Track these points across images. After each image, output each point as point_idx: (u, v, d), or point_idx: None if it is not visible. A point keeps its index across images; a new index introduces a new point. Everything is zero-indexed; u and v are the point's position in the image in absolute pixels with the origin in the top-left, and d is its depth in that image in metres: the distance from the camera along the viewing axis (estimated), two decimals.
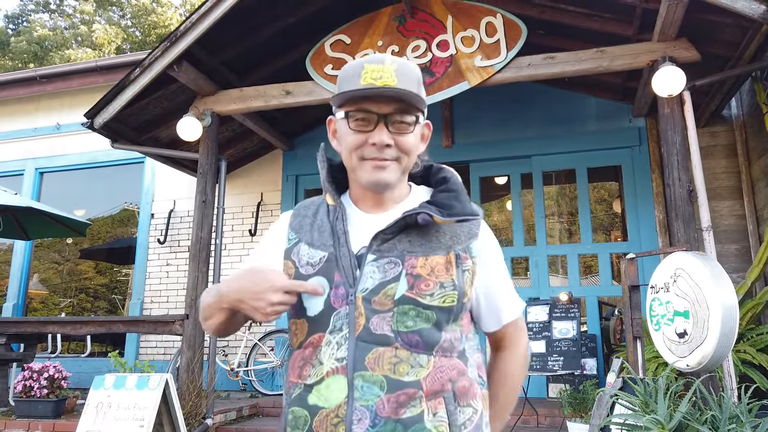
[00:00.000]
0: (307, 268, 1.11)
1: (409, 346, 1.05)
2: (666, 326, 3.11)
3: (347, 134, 1.12)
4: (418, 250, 1.10)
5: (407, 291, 1.06)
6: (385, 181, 1.12)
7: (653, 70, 3.89)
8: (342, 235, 1.13)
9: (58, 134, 7.26)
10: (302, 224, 1.20)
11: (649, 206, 5.07)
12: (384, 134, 1.09)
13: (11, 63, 18.08)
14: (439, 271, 1.09)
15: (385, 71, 1.09)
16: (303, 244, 1.15)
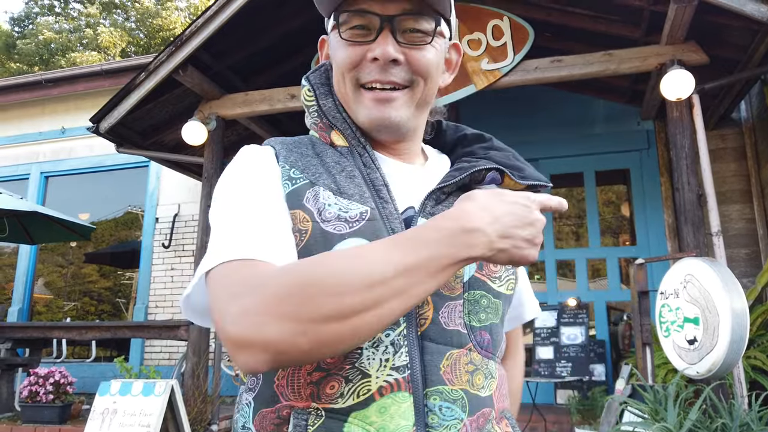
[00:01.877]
0: (338, 225, 0.74)
1: (481, 348, 0.78)
2: (676, 333, 3.07)
3: (339, 50, 0.81)
4: None
5: (477, 271, 0.79)
6: (393, 120, 0.81)
7: (661, 73, 3.85)
8: (383, 188, 0.80)
9: (63, 138, 7.27)
10: (308, 164, 0.82)
11: (657, 210, 5.03)
12: (389, 44, 0.78)
13: (17, 66, 18.16)
14: None
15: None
16: (321, 188, 0.78)
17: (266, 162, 0.81)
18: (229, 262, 0.66)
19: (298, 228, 0.75)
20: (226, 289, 0.63)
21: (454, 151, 0.96)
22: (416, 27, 0.79)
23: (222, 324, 0.60)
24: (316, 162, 0.82)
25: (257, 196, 0.75)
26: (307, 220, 0.75)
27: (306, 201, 0.76)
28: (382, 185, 0.80)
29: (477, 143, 0.93)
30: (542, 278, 5.96)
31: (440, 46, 0.83)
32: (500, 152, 0.90)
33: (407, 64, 0.80)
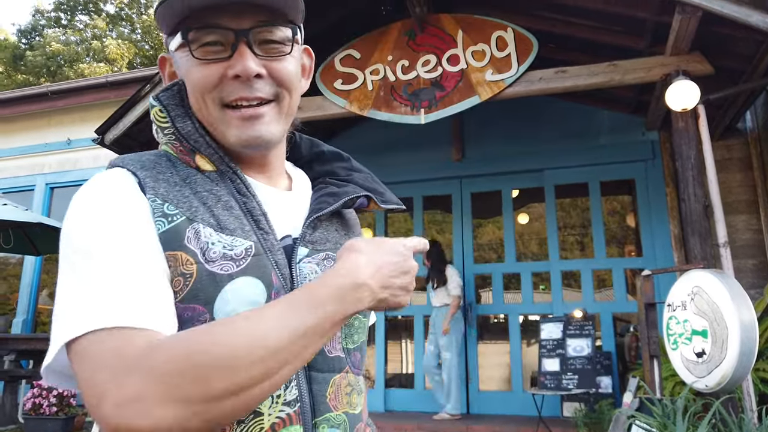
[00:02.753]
0: (225, 265, 0.69)
1: (354, 368, 0.81)
2: (684, 345, 3.04)
3: (192, 71, 0.75)
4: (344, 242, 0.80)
5: None
6: (265, 137, 0.77)
7: (666, 83, 3.84)
8: (261, 217, 0.76)
9: (68, 149, 7.30)
10: (176, 193, 0.72)
11: (663, 221, 5.00)
12: (249, 59, 0.73)
13: (24, 77, 18.31)
14: None
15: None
16: (201, 225, 0.70)
17: (129, 196, 0.70)
18: (98, 332, 0.58)
19: (181, 271, 0.68)
20: (100, 367, 0.56)
21: (311, 166, 0.94)
22: (272, 38, 0.76)
23: (100, 410, 0.54)
24: (188, 192, 0.73)
25: (124, 241, 0.65)
26: (191, 262, 0.68)
27: (187, 241, 0.69)
28: (260, 215, 0.76)
29: (336, 162, 0.93)
30: (547, 288, 5.93)
31: (297, 54, 0.81)
32: (361, 174, 0.91)
33: (270, 77, 0.76)
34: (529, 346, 7.57)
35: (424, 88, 4.48)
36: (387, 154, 5.74)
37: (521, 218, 7.57)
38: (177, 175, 0.75)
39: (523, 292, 5.43)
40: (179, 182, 0.74)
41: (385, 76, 4.59)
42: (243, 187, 0.78)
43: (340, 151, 0.95)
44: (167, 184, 0.73)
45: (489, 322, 7.67)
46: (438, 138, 5.63)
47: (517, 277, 5.62)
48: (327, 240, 0.83)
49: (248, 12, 0.73)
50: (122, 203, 0.69)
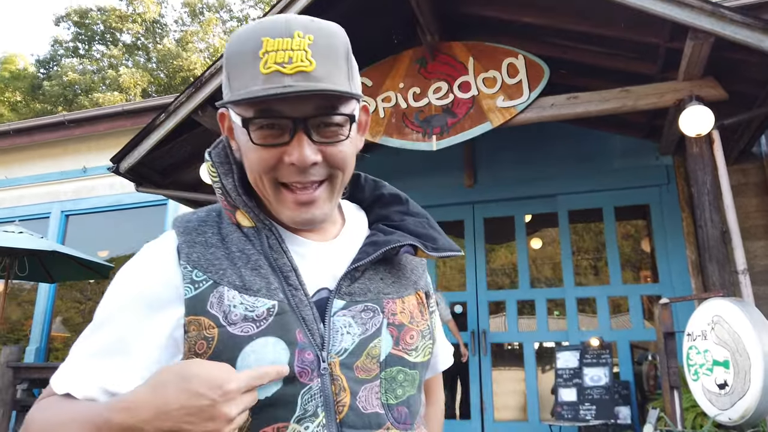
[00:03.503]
0: (245, 326, 0.73)
1: (398, 423, 0.79)
2: (705, 376, 2.97)
3: (250, 150, 0.77)
4: (392, 291, 0.83)
5: (393, 348, 0.79)
6: (317, 218, 0.80)
7: (680, 109, 3.82)
8: (291, 273, 0.78)
9: (84, 177, 7.39)
10: (211, 258, 0.78)
11: (679, 246, 4.93)
12: (306, 148, 0.74)
13: (41, 106, 18.67)
14: (417, 317, 0.85)
15: (295, 48, 0.71)
16: (226, 288, 0.75)
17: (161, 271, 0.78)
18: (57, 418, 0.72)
19: (204, 335, 0.73)
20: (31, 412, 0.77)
21: (372, 209, 0.95)
22: (330, 121, 0.76)
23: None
24: (221, 253, 0.79)
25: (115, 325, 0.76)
26: (212, 326, 0.73)
27: (210, 306, 0.74)
28: (290, 270, 0.78)
29: (394, 206, 0.93)
30: (561, 314, 5.85)
31: (354, 131, 0.81)
32: (415, 218, 0.90)
33: (325, 162, 0.77)
34: (544, 372, 7.43)
35: (436, 115, 4.50)
36: (399, 181, 5.69)
37: (534, 243, 7.52)
38: (218, 234, 0.82)
39: (537, 319, 5.35)
40: (216, 243, 0.81)
41: (397, 103, 4.61)
42: (276, 243, 0.80)
43: (399, 194, 0.96)
44: (203, 247, 0.80)
45: (503, 349, 7.56)
46: (450, 164, 5.62)
47: (531, 303, 5.55)
48: (368, 291, 0.81)
49: (309, 99, 0.74)
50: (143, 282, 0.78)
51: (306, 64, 0.71)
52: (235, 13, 22.86)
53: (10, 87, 19.53)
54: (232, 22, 22.71)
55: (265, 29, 0.73)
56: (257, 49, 0.72)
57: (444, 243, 0.87)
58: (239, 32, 0.76)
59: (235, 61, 0.75)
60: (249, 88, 0.72)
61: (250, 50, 0.72)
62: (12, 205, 7.66)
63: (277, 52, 0.71)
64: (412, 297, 0.86)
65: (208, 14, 22.09)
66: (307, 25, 0.74)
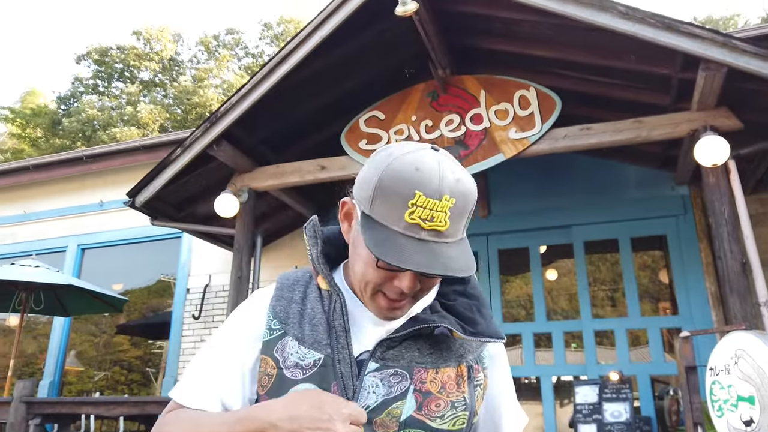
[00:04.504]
0: (295, 371, 0.92)
1: None
2: (730, 412, 2.88)
3: (370, 266, 0.90)
4: (427, 361, 0.94)
5: (415, 411, 0.90)
6: (399, 316, 0.94)
7: (694, 139, 3.80)
8: (342, 334, 0.94)
9: (100, 211, 7.48)
10: (289, 311, 0.99)
11: (698, 278, 4.85)
12: (415, 282, 0.89)
13: (60, 142, 19.06)
14: (451, 388, 0.93)
15: (439, 210, 0.84)
16: (290, 338, 0.95)
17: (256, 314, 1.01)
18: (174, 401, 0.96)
19: (267, 372, 0.95)
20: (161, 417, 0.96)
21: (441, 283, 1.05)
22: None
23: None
24: (297, 309, 0.99)
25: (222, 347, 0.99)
26: (273, 366, 0.94)
27: (275, 351, 0.95)
28: (343, 331, 0.94)
29: (456, 284, 1.03)
30: (579, 347, 5.74)
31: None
32: (467, 300, 1.00)
33: (420, 288, 0.91)
34: (562, 407, 7.25)
35: (448, 147, 4.51)
36: None
37: (549, 274, 7.43)
38: (303, 293, 1.02)
39: (555, 352, 5.25)
40: (298, 299, 1.01)
41: (409, 135, 4.64)
42: (339, 306, 0.96)
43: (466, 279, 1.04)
44: (285, 302, 1.00)
45: (520, 383, 7.42)
46: None
47: (548, 335, 5.45)
48: (401, 358, 0.93)
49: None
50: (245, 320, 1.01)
51: (442, 225, 0.85)
52: (251, 50, 23.37)
53: (31, 123, 20.00)
54: (247, 58, 23.19)
55: (421, 184, 0.84)
56: (408, 198, 0.84)
57: (484, 329, 0.96)
58: (399, 169, 0.86)
59: (387, 195, 0.86)
60: (391, 225, 0.85)
61: (403, 194, 0.84)
62: (30, 239, 7.76)
63: (425, 210, 0.84)
64: (450, 369, 0.94)
65: (223, 51, 22.59)
66: (454, 188, 0.85)
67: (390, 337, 0.93)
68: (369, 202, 0.87)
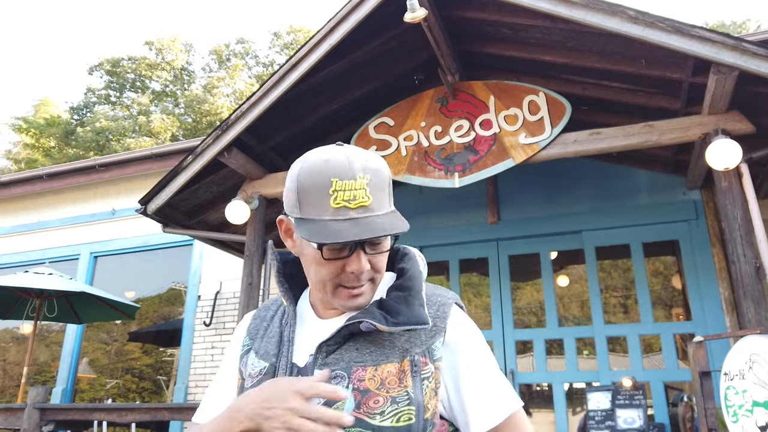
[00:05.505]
0: (249, 380, 1.02)
1: None
2: (745, 418, 2.84)
3: (319, 263, 0.97)
4: (367, 359, 0.95)
5: (355, 410, 0.90)
6: (362, 305, 0.99)
7: (706, 143, 3.78)
8: (287, 344, 1.02)
9: (113, 219, 7.54)
10: (258, 328, 1.10)
11: (712, 283, 4.80)
12: (363, 261, 0.96)
13: (74, 151, 19.26)
14: (391, 383, 0.92)
15: (357, 188, 0.92)
16: (253, 352, 1.06)
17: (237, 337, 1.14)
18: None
19: (238, 383, 1.07)
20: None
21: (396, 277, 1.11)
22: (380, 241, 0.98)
23: None
24: (264, 326, 1.10)
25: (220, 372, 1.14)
26: (239, 377, 1.06)
27: (242, 364, 1.07)
28: (287, 341, 1.03)
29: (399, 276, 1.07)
30: (591, 353, 5.69)
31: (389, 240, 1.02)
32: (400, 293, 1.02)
33: (372, 269, 0.98)
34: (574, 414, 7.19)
35: (458, 153, 4.52)
36: (422, 218, 5.74)
37: (560, 280, 7.39)
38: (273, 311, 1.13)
39: (566, 359, 5.21)
40: (267, 317, 1.12)
41: (419, 141, 4.65)
42: (290, 317, 1.07)
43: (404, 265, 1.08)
44: (259, 320, 1.12)
45: (531, 390, 7.36)
46: (473, 201, 5.62)
47: (559, 342, 5.41)
48: (341, 360, 0.96)
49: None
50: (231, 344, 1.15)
51: (366, 200, 0.93)
52: (261, 59, 23.54)
53: (45, 133, 20.24)
54: (258, 67, 23.36)
55: (333, 171, 0.92)
56: (327, 187, 0.92)
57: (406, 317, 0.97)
58: (311, 169, 0.95)
59: (308, 192, 0.94)
60: (321, 216, 0.93)
61: (321, 186, 0.93)
62: (43, 247, 7.84)
63: (345, 192, 0.92)
64: (392, 365, 0.95)
65: (235, 60, 22.78)
66: (365, 166, 0.94)
67: (326, 341, 0.97)
68: (297, 207, 0.96)
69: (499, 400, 0.97)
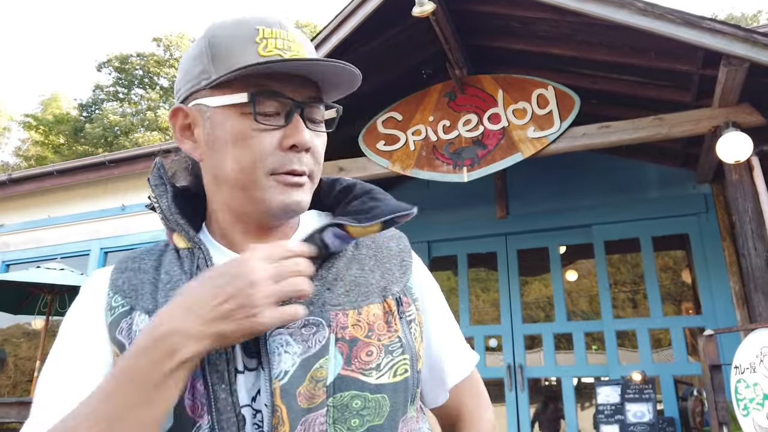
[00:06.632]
0: None
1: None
2: (756, 411, 2.83)
3: (249, 133, 0.71)
4: (344, 301, 0.72)
5: (344, 367, 0.68)
6: (302, 204, 0.75)
7: (716, 136, 3.76)
8: None
9: (122, 215, 7.59)
10: (135, 283, 0.76)
11: (722, 276, 4.78)
12: (305, 131, 0.73)
13: (83, 148, 19.38)
14: (380, 329, 0.73)
15: (291, 40, 0.73)
16: (139, 312, 0.72)
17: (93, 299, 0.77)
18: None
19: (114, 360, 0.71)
20: None
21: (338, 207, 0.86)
22: (318, 116, 0.78)
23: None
24: (147, 278, 0.76)
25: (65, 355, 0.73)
26: (116, 354, 0.71)
27: (119, 333, 0.72)
28: None
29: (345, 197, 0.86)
30: (600, 348, 5.68)
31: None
32: (358, 200, 0.81)
33: (312, 153, 0.76)
34: (583, 409, 7.18)
35: (466, 147, 4.51)
36: (430, 213, 5.73)
37: (569, 275, 7.38)
38: (157, 260, 0.80)
39: (575, 353, 5.20)
40: (149, 269, 0.78)
41: (427, 136, 4.64)
42: (204, 262, 0.75)
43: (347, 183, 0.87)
44: (131, 273, 0.78)
45: (540, 385, 7.37)
46: (481, 195, 5.61)
47: (568, 336, 5.41)
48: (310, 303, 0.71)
49: (307, 86, 0.75)
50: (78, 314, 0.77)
51: (304, 54, 0.74)
52: None
53: (54, 130, 20.38)
54: None
55: (258, 20, 0.72)
56: (253, 36, 0.71)
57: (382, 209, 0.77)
58: (224, 20, 0.74)
59: (226, 44, 0.71)
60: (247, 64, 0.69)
61: (245, 35, 0.71)
62: (54, 243, 7.90)
63: (276, 40, 0.71)
64: (375, 306, 0.74)
65: None
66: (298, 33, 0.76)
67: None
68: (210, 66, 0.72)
69: (467, 350, 0.88)
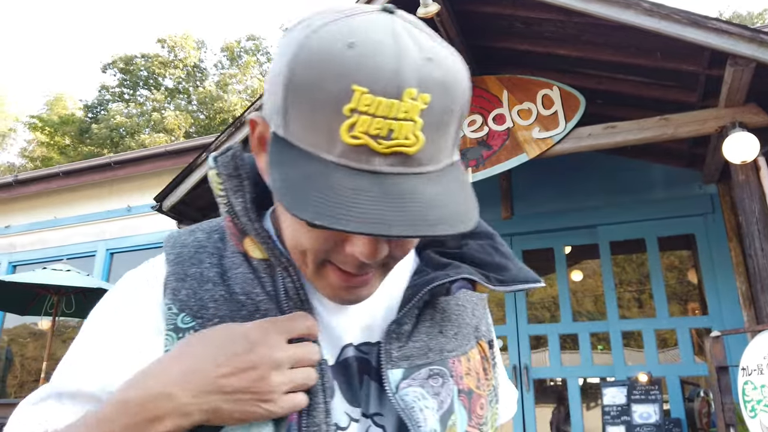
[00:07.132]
0: None
1: None
2: (763, 413, 2.82)
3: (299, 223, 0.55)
4: (455, 347, 0.64)
5: (469, 424, 0.61)
6: (363, 298, 0.59)
7: (722, 136, 3.74)
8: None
9: (128, 216, 7.62)
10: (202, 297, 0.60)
11: (729, 277, 4.76)
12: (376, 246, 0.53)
13: (89, 149, 19.46)
14: (482, 377, 0.66)
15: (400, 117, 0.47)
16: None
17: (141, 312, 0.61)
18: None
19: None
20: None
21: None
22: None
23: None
24: (219, 294, 0.60)
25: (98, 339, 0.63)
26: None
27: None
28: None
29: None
30: (605, 348, 5.67)
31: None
32: (476, 241, 0.69)
33: (390, 254, 0.56)
34: (589, 410, 7.16)
35: (471, 148, 4.51)
36: None
37: (575, 275, 7.36)
38: (218, 266, 0.62)
39: (581, 354, 5.19)
40: (214, 277, 0.61)
41: None
42: (293, 287, 0.59)
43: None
44: (196, 282, 0.61)
45: (546, 385, 7.35)
46: (486, 196, 5.59)
47: (573, 337, 5.40)
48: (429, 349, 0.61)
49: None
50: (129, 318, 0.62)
51: (409, 142, 0.48)
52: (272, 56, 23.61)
53: (59, 131, 20.46)
54: (269, 64, 23.43)
55: (362, 70, 0.47)
56: (343, 100, 0.47)
57: (515, 273, 0.67)
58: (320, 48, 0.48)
59: (305, 96, 0.49)
60: (319, 152, 0.49)
61: (331, 93, 0.47)
62: (60, 244, 7.93)
63: (374, 118, 0.47)
64: (475, 351, 0.67)
65: (246, 57, 22.86)
66: (425, 73, 0.48)
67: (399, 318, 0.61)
68: (282, 114, 0.51)
69: (512, 387, 0.81)
